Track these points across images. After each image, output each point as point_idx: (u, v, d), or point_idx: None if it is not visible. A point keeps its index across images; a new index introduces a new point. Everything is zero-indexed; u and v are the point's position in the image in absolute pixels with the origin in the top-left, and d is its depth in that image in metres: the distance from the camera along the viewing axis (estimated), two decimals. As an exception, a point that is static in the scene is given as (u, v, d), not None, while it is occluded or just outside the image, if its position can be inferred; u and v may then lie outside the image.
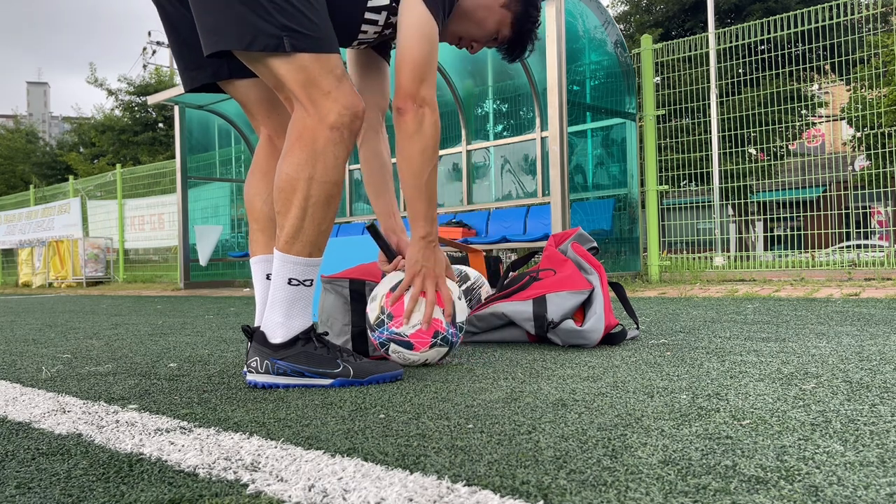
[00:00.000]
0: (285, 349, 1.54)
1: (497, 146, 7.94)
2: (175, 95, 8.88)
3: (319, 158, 1.53)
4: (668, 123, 6.98)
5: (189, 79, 1.75)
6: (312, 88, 1.53)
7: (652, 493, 0.78)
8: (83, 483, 0.90)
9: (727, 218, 8.61)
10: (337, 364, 1.55)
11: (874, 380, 1.43)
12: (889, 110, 7.69)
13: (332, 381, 1.54)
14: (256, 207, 1.80)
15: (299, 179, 1.53)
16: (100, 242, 12.68)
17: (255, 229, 1.81)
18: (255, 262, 1.81)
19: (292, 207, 1.54)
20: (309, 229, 1.55)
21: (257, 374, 1.54)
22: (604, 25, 6.62)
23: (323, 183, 1.54)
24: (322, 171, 1.53)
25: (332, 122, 1.53)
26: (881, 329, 2.34)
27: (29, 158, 28.21)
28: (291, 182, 1.53)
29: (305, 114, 1.54)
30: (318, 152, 1.53)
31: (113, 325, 3.52)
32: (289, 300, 1.55)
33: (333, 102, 1.53)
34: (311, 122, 1.54)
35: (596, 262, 2.28)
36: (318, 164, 1.53)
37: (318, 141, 1.53)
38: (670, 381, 1.48)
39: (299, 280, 1.56)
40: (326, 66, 1.55)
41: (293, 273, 1.55)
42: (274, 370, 1.53)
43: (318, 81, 1.53)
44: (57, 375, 1.85)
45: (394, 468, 0.91)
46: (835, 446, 0.95)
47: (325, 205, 1.55)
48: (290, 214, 1.54)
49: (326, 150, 1.54)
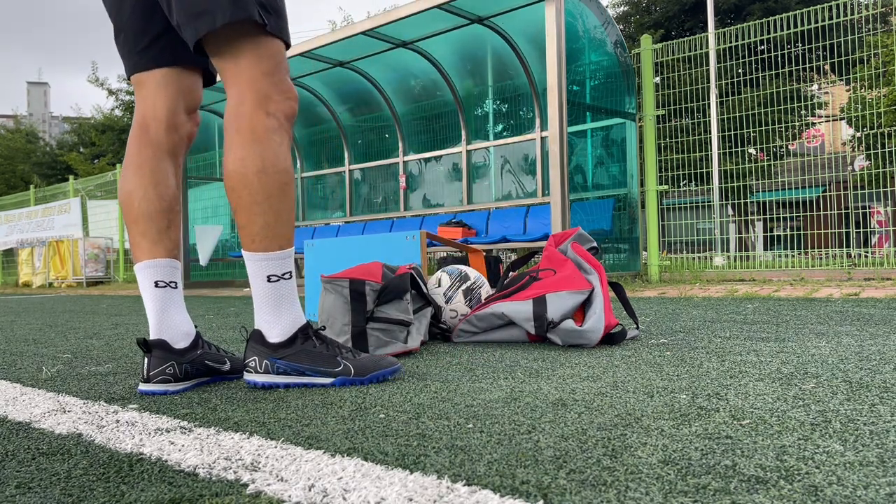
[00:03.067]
0: (284, 348, 1.51)
1: (497, 146, 7.94)
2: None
3: (265, 148, 1.47)
4: (668, 123, 6.98)
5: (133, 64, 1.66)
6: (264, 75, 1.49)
7: (652, 493, 0.78)
8: (83, 483, 0.90)
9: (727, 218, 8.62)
10: (337, 362, 1.53)
11: (874, 380, 1.43)
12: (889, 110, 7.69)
13: (332, 381, 1.53)
14: (134, 207, 1.63)
15: (249, 174, 1.47)
16: (100, 242, 12.68)
17: (135, 232, 1.64)
18: (139, 268, 1.64)
19: (250, 204, 1.48)
20: (273, 223, 1.49)
21: (256, 374, 1.51)
22: (603, 25, 6.62)
23: (274, 173, 1.48)
24: (271, 162, 1.48)
25: (271, 109, 1.49)
26: (881, 329, 2.34)
27: (29, 158, 28.20)
28: (241, 179, 1.47)
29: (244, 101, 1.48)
30: (262, 141, 1.47)
31: (113, 325, 3.52)
32: (274, 298, 1.51)
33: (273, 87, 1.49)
34: (248, 110, 1.48)
35: (596, 262, 2.28)
36: (266, 154, 1.47)
37: (258, 130, 1.48)
38: (670, 381, 1.48)
39: (278, 275, 1.51)
40: (283, 54, 1.53)
41: (269, 270, 1.50)
42: (273, 370, 1.50)
43: (271, 68, 1.50)
44: (57, 375, 1.85)
45: (394, 468, 0.91)
46: (834, 446, 0.95)
47: (282, 195, 1.50)
48: (250, 212, 1.48)
49: (269, 139, 1.48)
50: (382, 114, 8.88)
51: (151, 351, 1.55)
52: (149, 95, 1.65)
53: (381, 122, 9.02)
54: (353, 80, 8.45)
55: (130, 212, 1.63)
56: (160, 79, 1.64)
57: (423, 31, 7.04)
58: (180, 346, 1.59)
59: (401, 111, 8.70)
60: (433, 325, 2.41)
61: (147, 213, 1.62)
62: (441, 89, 8.18)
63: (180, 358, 1.57)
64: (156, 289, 1.60)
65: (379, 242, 3.12)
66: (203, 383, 1.65)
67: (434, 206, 8.59)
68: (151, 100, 1.65)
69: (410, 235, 2.96)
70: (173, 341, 1.58)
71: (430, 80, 8.25)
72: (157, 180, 1.63)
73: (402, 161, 8.77)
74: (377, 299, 2.04)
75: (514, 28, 6.90)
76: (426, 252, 2.96)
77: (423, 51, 7.57)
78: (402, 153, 8.78)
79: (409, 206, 8.76)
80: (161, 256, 1.62)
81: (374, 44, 7.28)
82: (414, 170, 8.78)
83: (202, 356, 1.61)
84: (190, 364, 1.58)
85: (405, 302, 2.09)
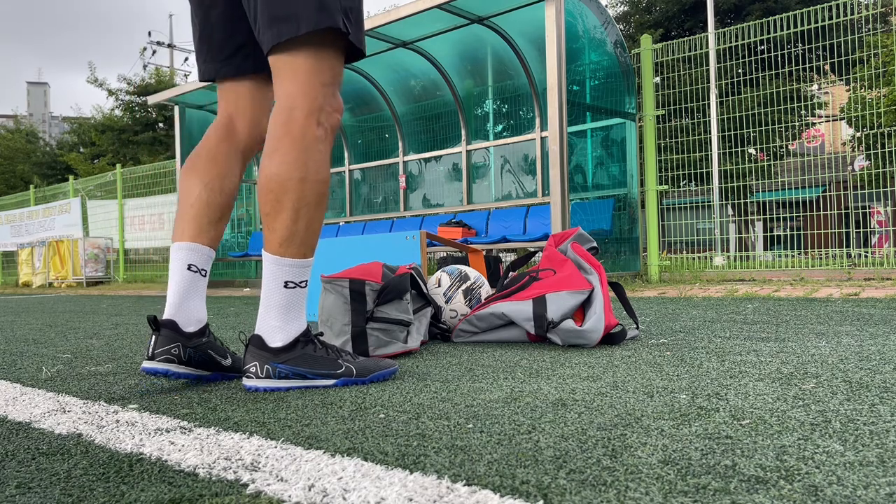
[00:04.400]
0: (286, 352, 1.51)
1: (497, 146, 7.94)
2: (175, 95, 8.88)
3: (310, 157, 1.50)
4: (668, 123, 6.98)
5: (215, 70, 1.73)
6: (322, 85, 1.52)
7: (652, 493, 0.78)
8: (83, 483, 0.90)
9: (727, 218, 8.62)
10: (339, 365, 1.54)
11: (874, 380, 1.43)
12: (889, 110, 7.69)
13: (334, 382, 1.54)
14: (194, 192, 1.68)
15: (291, 180, 1.49)
16: (100, 242, 12.68)
17: (187, 215, 1.67)
18: (178, 247, 1.66)
19: (284, 209, 1.49)
20: (303, 231, 1.51)
21: (257, 378, 1.50)
22: (603, 25, 6.62)
23: (315, 182, 1.51)
24: (314, 171, 1.50)
25: (322, 119, 1.52)
26: (881, 329, 2.34)
27: (29, 158, 28.19)
28: (283, 183, 1.49)
29: (295, 107, 1.50)
30: (308, 150, 1.50)
31: (113, 325, 3.52)
32: (286, 303, 1.52)
33: (326, 98, 1.53)
34: (300, 117, 1.50)
35: (596, 262, 2.28)
36: (310, 163, 1.50)
37: (307, 137, 1.50)
38: (670, 381, 1.48)
39: (295, 283, 1.52)
40: (341, 65, 1.57)
41: (289, 276, 1.52)
42: (275, 374, 1.50)
43: (330, 80, 1.54)
44: (57, 375, 1.85)
45: (394, 468, 0.91)
46: (834, 446, 0.96)
47: (318, 205, 1.53)
48: (282, 216, 1.50)
49: (316, 148, 1.51)
50: (382, 114, 8.88)
51: (160, 329, 1.57)
52: (231, 99, 1.74)
53: (381, 122, 9.02)
54: (353, 79, 8.45)
55: (190, 195, 1.68)
56: (241, 86, 1.73)
57: (423, 31, 7.04)
58: (189, 330, 1.60)
59: (401, 111, 8.70)
60: (433, 325, 2.41)
61: (207, 201, 1.67)
62: (441, 89, 8.18)
63: (186, 341, 1.59)
64: (187, 271, 1.64)
65: (379, 242, 3.12)
66: (202, 379, 1.66)
67: (434, 206, 8.59)
68: (234, 103, 1.74)
69: (410, 235, 2.96)
70: (183, 324, 1.60)
71: (430, 80, 8.25)
72: (224, 174, 1.70)
73: (402, 161, 8.77)
74: (377, 299, 2.04)
75: (514, 28, 6.90)
76: (426, 252, 2.96)
77: (423, 51, 7.57)
78: (402, 153, 8.78)
79: (409, 206, 8.76)
80: (203, 243, 1.67)
81: (374, 44, 7.27)
82: (414, 170, 8.78)
83: (206, 345, 1.62)
84: (194, 349, 1.60)
85: (405, 302, 2.09)
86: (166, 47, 35.79)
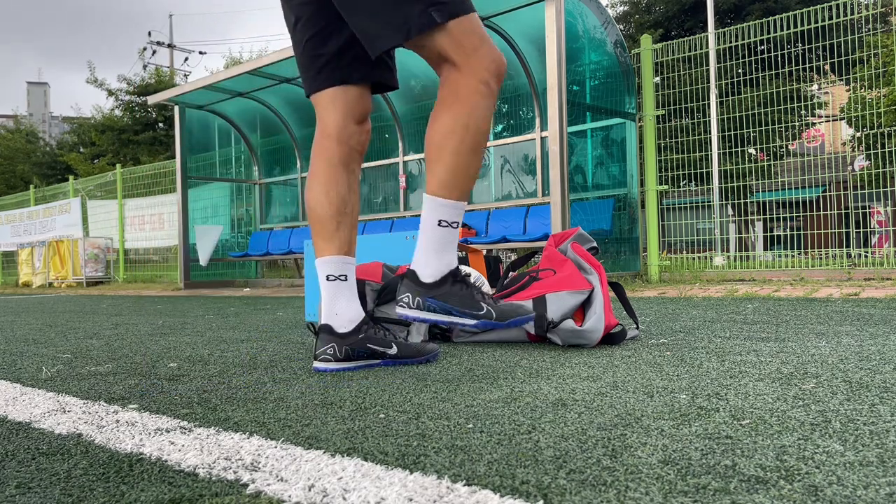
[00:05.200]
0: (436, 288, 1.66)
1: (497, 146, 7.94)
2: (175, 95, 8.88)
3: (473, 110, 1.65)
4: (668, 123, 6.98)
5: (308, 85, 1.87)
6: (460, 49, 1.65)
7: (652, 493, 0.78)
8: (83, 483, 0.90)
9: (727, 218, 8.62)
10: (481, 306, 1.67)
11: (874, 380, 1.43)
12: (889, 110, 7.69)
13: (476, 322, 1.67)
14: (313, 211, 1.85)
15: (455, 130, 1.65)
16: (100, 242, 12.68)
17: (314, 233, 1.86)
18: (317, 263, 1.86)
19: (445, 154, 1.65)
20: (460, 174, 1.66)
21: (409, 308, 1.67)
22: (603, 25, 6.62)
23: (476, 132, 1.66)
24: (475, 122, 1.65)
25: (481, 76, 1.65)
26: (881, 329, 2.34)
27: (29, 158, 28.19)
28: (446, 133, 1.65)
29: (458, 73, 1.65)
30: (472, 104, 1.65)
31: (113, 325, 3.52)
32: (439, 241, 1.67)
33: (481, 59, 1.65)
34: (463, 79, 1.65)
35: (596, 262, 2.28)
36: (473, 115, 1.65)
37: (472, 95, 1.65)
38: (670, 381, 1.48)
39: (448, 222, 1.68)
40: (470, 26, 1.67)
41: (443, 215, 1.67)
42: (425, 307, 1.66)
43: (465, 42, 1.65)
44: (57, 375, 1.85)
45: (394, 468, 0.91)
46: (835, 446, 0.96)
47: (474, 152, 1.68)
48: (442, 160, 1.66)
49: (479, 103, 1.65)
50: (382, 114, 8.88)
51: (318, 334, 1.78)
52: (323, 112, 1.87)
53: (381, 122, 9.02)
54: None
55: (311, 215, 1.86)
56: (331, 97, 1.85)
57: (423, 31, 7.02)
58: (342, 330, 1.78)
59: (401, 111, 8.70)
60: (433, 324, 2.41)
61: (320, 217, 1.83)
62: (441, 89, 8.17)
63: (341, 341, 1.77)
64: (327, 282, 1.82)
65: (379, 242, 3.12)
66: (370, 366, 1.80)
67: (434, 206, 8.57)
68: (325, 116, 1.87)
69: (410, 235, 2.96)
70: (337, 326, 1.78)
71: (430, 80, 8.25)
72: (327, 188, 1.84)
73: (402, 161, 8.77)
74: (377, 299, 2.04)
75: (514, 28, 6.90)
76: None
77: (423, 51, 7.56)
78: (401, 153, 8.78)
79: (409, 206, 8.76)
80: (332, 254, 1.82)
81: (374, 44, 7.27)
82: (414, 169, 8.78)
83: (364, 340, 1.79)
84: (351, 346, 1.77)
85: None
86: (166, 47, 35.78)
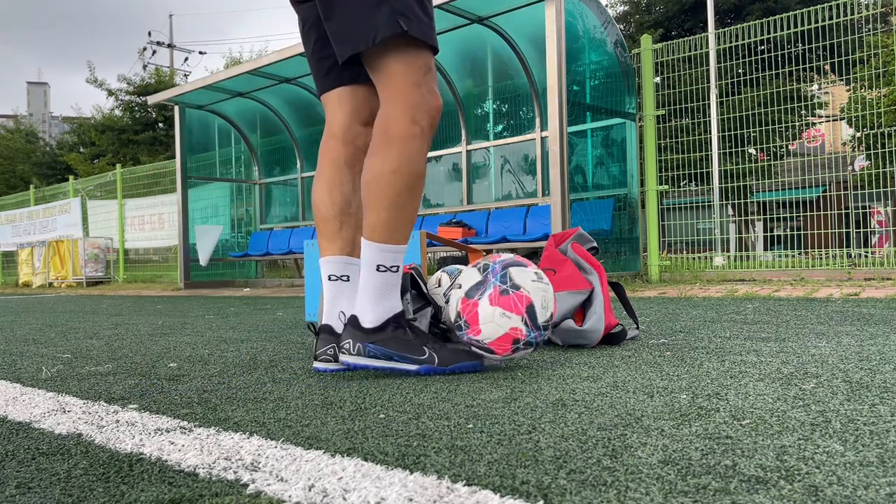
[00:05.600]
0: (376, 333, 1.64)
1: (497, 146, 7.94)
2: (175, 95, 8.88)
3: (404, 153, 1.64)
4: (668, 123, 6.98)
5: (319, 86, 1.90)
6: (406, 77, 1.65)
7: (652, 493, 0.78)
8: (83, 483, 0.90)
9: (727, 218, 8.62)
10: (423, 351, 1.64)
11: (874, 380, 1.43)
12: (889, 110, 7.69)
13: (418, 368, 1.63)
14: (318, 211, 1.87)
15: (384, 173, 1.64)
16: (100, 242, 12.68)
17: (318, 232, 1.87)
18: (320, 263, 1.88)
19: (378, 199, 1.64)
20: (396, 219, 1.65)
21: (349, 355, 1.64)
22: (604, 25, 6.62)
23: (409, 176, 1.65)
24: (407, 165, 1.64)
25: (414, 115, 1.65)
26: (881, 329, 2.34)
27: (29, 158, 28.18)
28: (378, 175, 1.64)
29: (392, 107, 1.66)
30: (401, 144, 1.64)
31: (113, 325, 3.52)
32: (379, 287, 1.66)
33: (421, 95, 1.66)
34: (396, 118, 1.65)
35: (596, 262, 2.28)
36: (403, 158, 1.64)
37: (401, 134, 1.65)
38: (670, 381, 1.48)
39: (387, 267, 1.66)
40: (425, 61, 1.68)
41: (381, 260, 1.66)
42: (366, 353, 1.64)
43: (412, 72, 1.66)
44: (57, 375, 1.85)
45: (394, 468, 0.91)
46: (835, 446, 0.95)
47: (410, 196, 1.67)
48: (378, 205, 1.65)
49: (410, 145, 1.65)
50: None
51: (319, 334, 1.77)
52: (330, 113, 1.89)
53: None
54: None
55: (316, 215, 1.87)
56: (338, 97, 1.87)
57: (423, 31, 7.03)
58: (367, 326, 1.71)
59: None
60: (433, 325, 2.41)
61: (324, 216, 1.85)
62: (441, 89, 8.17)
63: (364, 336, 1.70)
64: (328, 281, 1.83)
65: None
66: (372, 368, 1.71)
67: (434, 206, 8.59)
68: (331, 116, 1.88)
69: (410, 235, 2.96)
70: (338, 327, 1.77)
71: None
72: (331, 188, 1.85)
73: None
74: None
75: (514, 28, 6.90)
76: (426, 252, 2.96)
77: (423, 51, 7.56)
78: (402, 153, 8.77)
79: (409, 206, 8.75)
80: (334, 254, 1.83)
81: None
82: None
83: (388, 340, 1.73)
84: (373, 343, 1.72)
85: (405, 302, 2.09)
86: (166, 47, 35.76)
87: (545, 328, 1.72)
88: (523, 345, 1.71)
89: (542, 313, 1.72)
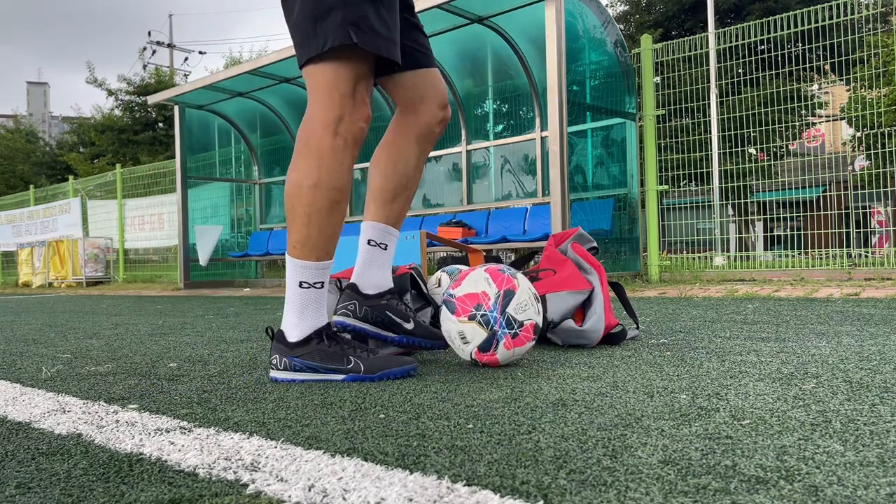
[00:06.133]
0: (300, 347, 1.63)
1: (497, 146, 7.94)
2: (175, 95, 8.88)
3: (324, 165, 1.59)
4: (668, 123, 6.98)
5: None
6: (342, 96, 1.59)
7: (652, 493, 0.78)
8: (83, 483, 0.90)
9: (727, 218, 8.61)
10: (348, 360, 1.62)
11: (874, 380, 1.43)
12: (889, 110, 7.69)
13: (343, 377, 1.61)
14: (373, 180, 1.85)
15: (303, 187, 1.59)
16: (100, 242, 12.67)
17: (369, 198, 1.86)
18: (362, 227, 1.88)
19: (298, 214, 1.61)
20: (315, 235, 1.61)
21: (276, 370, 1.65)
22: (603, 25, 6.62)
23: (328, 189, 1.60)
24: (326, 178, 1.59)
25: (340, 129, 1.60)
26: (881, 329, 2.34)
27: (29, 158, 28.17)
28: (297, 189, 1.60)
29: (315, 117, 1.60)
30: (323, 158, 1.59)
31: (113, 325, 3.52)
32: (301, 302, 1.64)
33: (350, 111, 1.60)
34: (318, 127, 1.59)
35: (596, 262, 2.28)
36: (323, 171, 1.59)
37: (323, 146, 1.59)
38: (670, 381, 1.48)
39: (309, 283, 1.64)
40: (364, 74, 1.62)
41: (303, 276, 1.63)
42: (291, 367, 1.63)
43: (349, 90, 1.60)
44: (57, 375, 1.85)
45: (394, 468, 0.91)
46: (835, 446, 0.95)
47: (329, 211, 1.62)
48: (296, 221, 1.61)
49: (331, 157, 1.60)
50: (382, 114, 8.88)
51: (343, 290, 1.81)
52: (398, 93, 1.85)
53: (381, 122, 9.01)
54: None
55: (371, 181, 1.86)
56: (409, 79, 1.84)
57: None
58: (367, 292, 1.80)
59: (401, 111, 8.68)
60: (433, 325, 2.41)
61: (381, 185, 1.83)
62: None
63: (364, 300, 1.79)
64: (367, 245, 1.84)
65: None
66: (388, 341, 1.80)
67: (434, 206, 8.58)
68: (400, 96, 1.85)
69: (410, 235, 2.96)
70: (363, 287, 1.80)
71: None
72: (396, 159, 1.84)
73: (402, 161, 8.76)
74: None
75: (514, 28, 6.90)
76: (426, 252, 2.96)
77: (423, 51, 7.55)
78: (402, 153, 8.76)
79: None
80: (380, 221, 1.83)
81: (374, 44, 7.27)
82: (414, 170, 8.76)
83: (385, 306, 1.80)
84: (370, 308, 1.79)
85: (405, 301, 2.09)
86: (166, 47, 35.75)
87: (509, 325, 1.70)
88: (481, 317, 1.69)
89: (516, 308, 1.72)
